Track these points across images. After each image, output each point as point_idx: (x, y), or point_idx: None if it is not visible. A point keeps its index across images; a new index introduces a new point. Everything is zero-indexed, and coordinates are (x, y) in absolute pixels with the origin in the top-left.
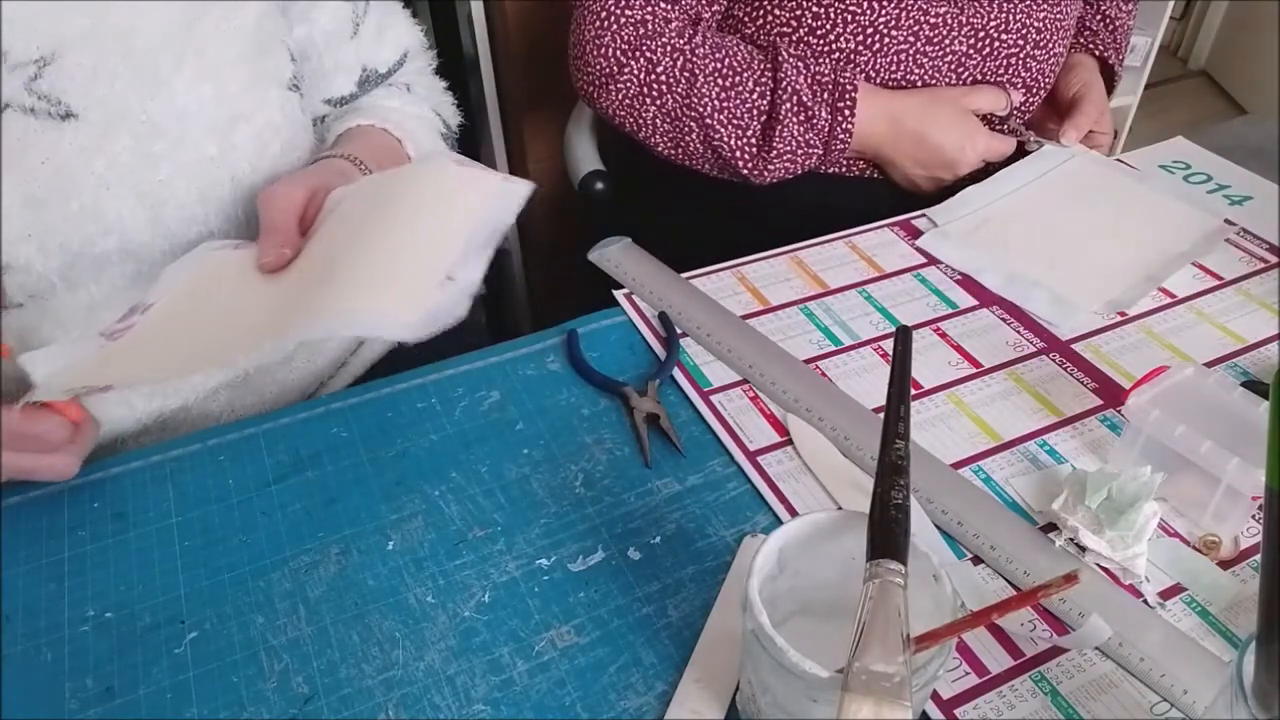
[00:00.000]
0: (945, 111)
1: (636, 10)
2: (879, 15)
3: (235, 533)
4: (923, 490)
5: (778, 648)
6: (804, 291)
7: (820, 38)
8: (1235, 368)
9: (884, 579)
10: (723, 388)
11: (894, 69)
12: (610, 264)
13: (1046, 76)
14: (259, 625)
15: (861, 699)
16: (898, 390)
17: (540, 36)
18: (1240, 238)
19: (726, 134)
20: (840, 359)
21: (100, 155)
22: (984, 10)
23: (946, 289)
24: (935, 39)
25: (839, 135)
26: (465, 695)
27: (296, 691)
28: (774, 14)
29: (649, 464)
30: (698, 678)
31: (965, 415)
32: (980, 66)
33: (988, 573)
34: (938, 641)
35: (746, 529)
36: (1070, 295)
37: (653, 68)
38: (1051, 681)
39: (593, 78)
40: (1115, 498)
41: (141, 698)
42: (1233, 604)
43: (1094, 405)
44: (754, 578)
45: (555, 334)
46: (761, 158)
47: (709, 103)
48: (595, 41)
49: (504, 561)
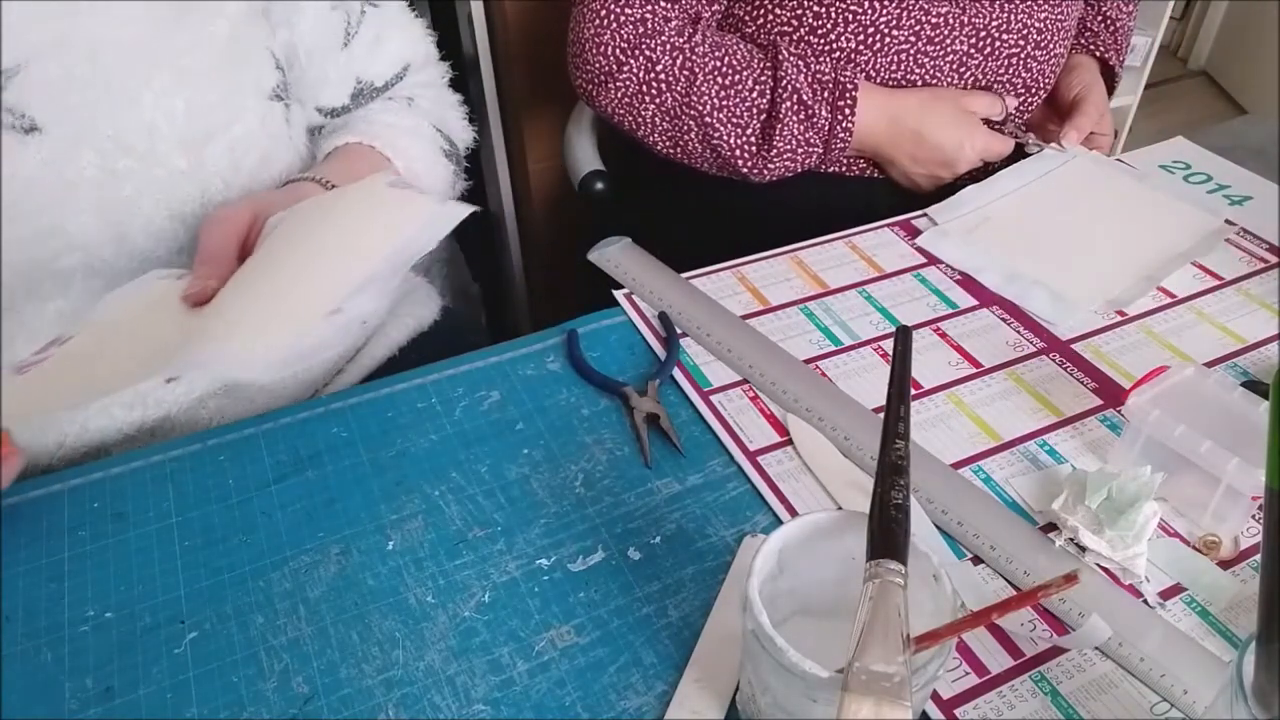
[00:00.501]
0: (944, 110)
1: (635, 9)
2: (880, 15)
3: (235, 533)
4: (923, 490)
5: (778, 648)
6: (804, 291)
7: (821, 37)
8: (1235, 368)
9: (884, 579)
10: (723, 388)
11: (895, 69)
12: (610, 264)
13: (1047, 77)
14: (259, 625)
15: (861, 699)
16: (898, 390)
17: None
18: (1240, 237)
19: (726, 132)
20: (840, 359)
21: (64, 170)
22: (985, 10)
23: (946, 289)
24: (936, 39)
25: (839, 134)
26: (465, 695)
27: (296, 691)
28: (775, 13)
29: (649, 464)
30: (698, 678)
31: (965, 415)
32: (981, 66)
33: (988, 573)
34: (938, 641)
35: (746, 529)
36: (1069, 294)
37: (652, 66)
38: (1051, 681)
39: (591, 76)
40: (1115, 498)
41: (141, 698)
42: (1233, 604)
43: (1094, 405)
44: (754, 578)
45: (555, 334)
46: (761, 156)
47: (708, 101)
48: (594, 40)
49: (504, 561)
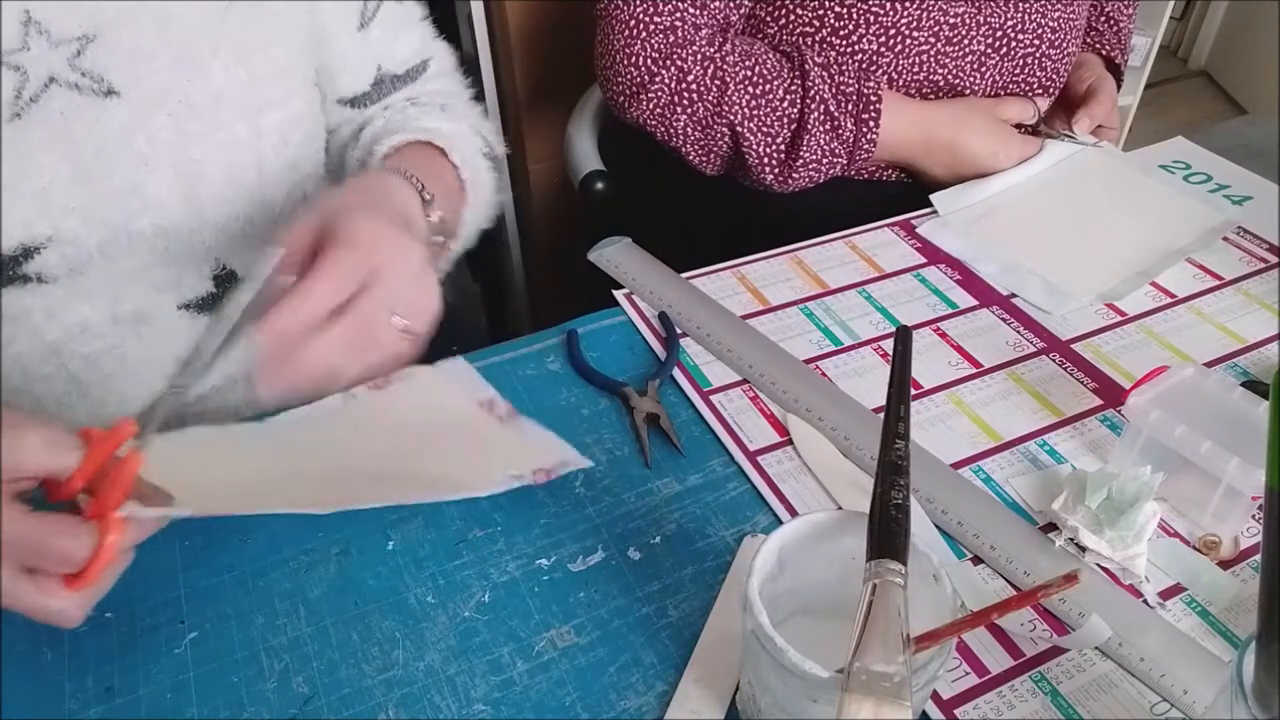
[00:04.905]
0: (978, 120)
1: (665, 17)
2: (900, 16)
3: (235, 533)
4: (923, 490)
5: (778, 648)
6: (804, 291)
7: (843, 39)
8: (1235, 368)
9: (884, 579)
10: (723, 388)
11: (916, 70)
12: (610, 264)
13: (1060, 75)
14: (259, 625)
15: (861, 699)
16: (898, 390)
17: (540, 36)
18: (1240, 237)
19: (756, 141)
20: (840, 359)
21: (141, 132)
22: (1000, 10)
23: (946, 289)
24: (955, 39)
25: (864, 145)
26: (465, 695)
27: (296, 691)
28: (797, 14)
29: (649, 464)
30: (698, 678)
31: (965, 415)
32: (999, 66)
33: (988, 573)
34: (938, 641)
35: (746, 529)
36: (1065, 286)
37: (683, 76)
38: (1051, 681)
39: (624, 88)
40: (1115, 498)
41: (141, 698)
42: (1233, 604)
43: (1094, 405)
44: (754, 578)
45: (555, 334)
46: (787, 165)
47: (739, 110)
48: (625, 51)
49: (504, 561)
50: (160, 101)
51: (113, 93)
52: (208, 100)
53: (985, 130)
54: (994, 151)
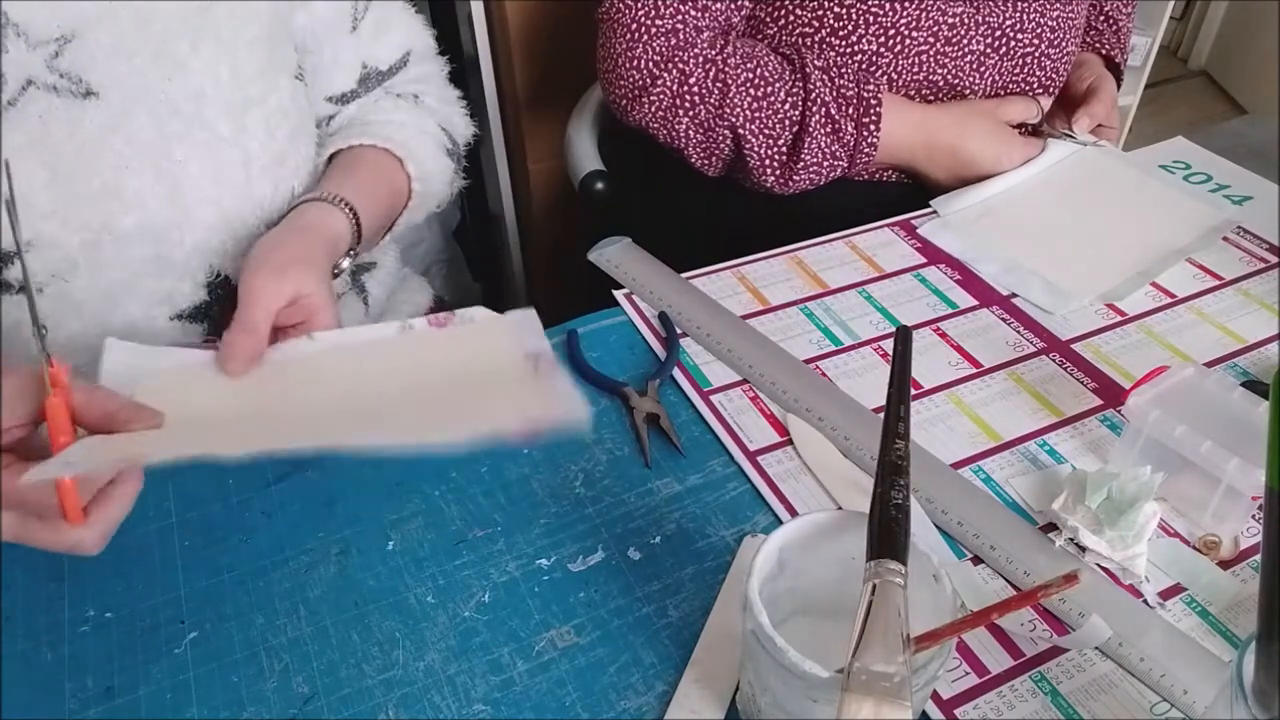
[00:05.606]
0: (981, 124)
1: (667, 20)
2: (900, 16)
3: (235, 533)
4: (923, 490)
5: (778, 648)
6: (804, 291)
7: (843, 39)
8: (1235, 368)
9: (884, 579)
10: (723, 388)
11: (916, 70)
12: (610, 264)
13: (1060, 75)
14: (259, 625)
15: (861, 699)
16: (898, 390)
17: (540, 36)
18: (1240, 237)
19: (757, 144)
20: (840, 359)
21: (120, 133)
22: (999, 10)
23: (946, 289)
24: (954, 39)
25: (864, 149)
26: (465, 695)
27: (296, 691)
28: (796, 15)
29: (649, 464)
30: (698, 678)
31: (965, 415)
32: (998, 66)
33: (988, 573)
34: (938, 641)
35: (746, 529)
36: (1065, 286)
37: (685, 79)
38: (1051, 681)
39: (626, 91)
40: (1115, 498)
41: (141, 698)
42: (1233, 604)
43: (1094, 405)
44: (754, 578)
45: (555, 334)
46: (788, 168)
47: (741, 113)
48: (627, 54)
49: (504, 561)
50: (140, 101)
51: (91, 94)
52: (189, 99)
53: (987, 134)
54: (996, 155)
